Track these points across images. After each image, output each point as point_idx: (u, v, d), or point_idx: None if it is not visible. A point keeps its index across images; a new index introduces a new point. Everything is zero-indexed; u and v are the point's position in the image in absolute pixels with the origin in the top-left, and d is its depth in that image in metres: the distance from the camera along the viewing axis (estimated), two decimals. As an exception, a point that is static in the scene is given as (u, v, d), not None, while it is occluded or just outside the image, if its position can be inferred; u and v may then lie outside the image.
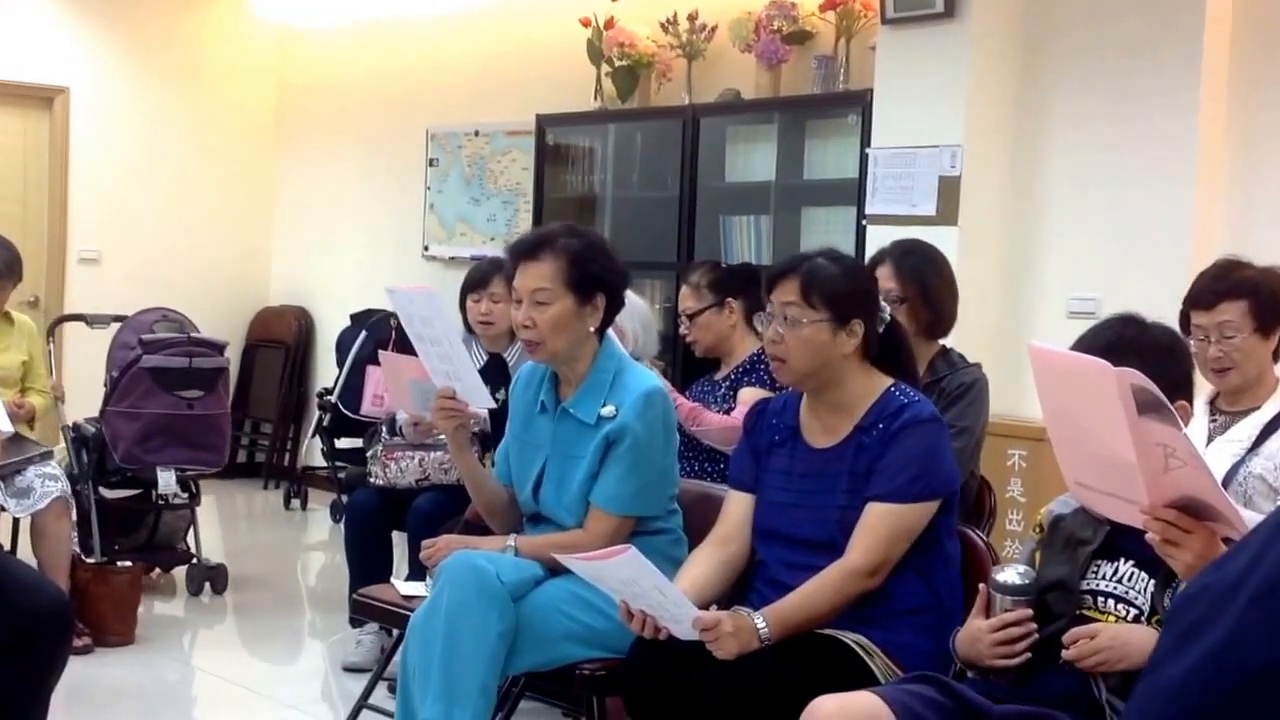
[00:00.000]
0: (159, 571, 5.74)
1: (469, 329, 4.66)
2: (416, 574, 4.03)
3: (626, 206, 6.46)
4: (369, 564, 4.57)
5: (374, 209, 7.96)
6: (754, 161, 5.92)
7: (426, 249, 7.62)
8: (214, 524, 7.30)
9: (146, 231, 8.05)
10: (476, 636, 2.89)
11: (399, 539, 4.70)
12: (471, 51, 7.37)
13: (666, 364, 5.32)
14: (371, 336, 6.94)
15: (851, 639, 2.66)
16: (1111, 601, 2.38)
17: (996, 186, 5.03)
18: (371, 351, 6.78)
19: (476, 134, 7.32)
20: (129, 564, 4.97)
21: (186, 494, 5.56)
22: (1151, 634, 2.28)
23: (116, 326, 5.84)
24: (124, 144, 7.99)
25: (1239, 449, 3.02)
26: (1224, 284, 3.08)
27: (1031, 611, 2.42)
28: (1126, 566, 2.39)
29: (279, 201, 8.58)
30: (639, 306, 4.47)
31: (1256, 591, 1.18)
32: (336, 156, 8.16)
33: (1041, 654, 2.37)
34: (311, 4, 8.16)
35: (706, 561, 2.90)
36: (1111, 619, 2.37)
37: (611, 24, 6.28)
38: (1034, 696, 2.35)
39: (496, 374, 4.42)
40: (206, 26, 8.24)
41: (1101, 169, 4.86)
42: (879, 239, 4.26)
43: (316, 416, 7.34)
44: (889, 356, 2.88)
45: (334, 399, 7.03)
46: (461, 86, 7.39)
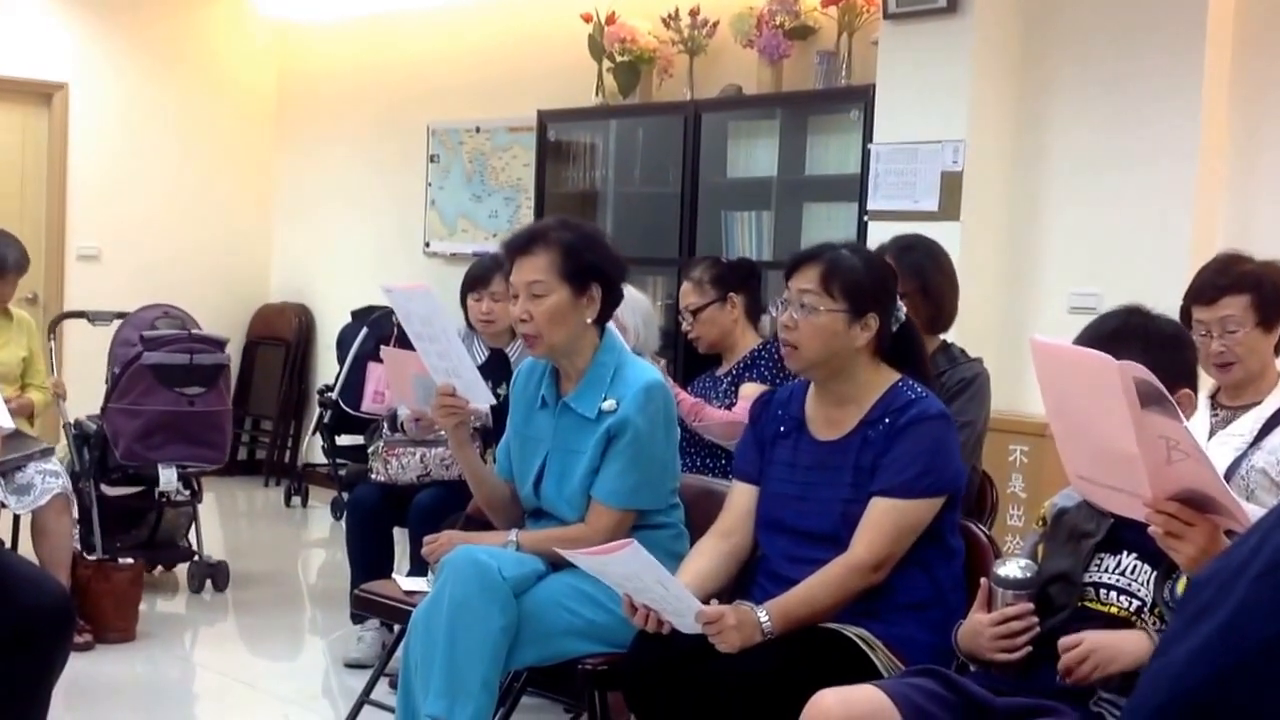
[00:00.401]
0: (160, 569, 5.73)
1: (470, 326, 4.66)
2: (418, 570, 4.03)
3: (628, 202, 6.46)
4: (370, 560, 4.56)
5: (375, 205, 7.95)
6: (755, 157, 5.91)
7: (428, 245, 7.61)
8: (215, 521, 7.29)
9: (146, 228, 8.03)
10: (479, 631, 2.89)
11: (400, 535, 4.70)
12: (472, 47, 7.36)
13: (668, 360, 5.31)
14: (373, 333, 6.93)
15: (854, 633, 2.66)
16: (1114, 594, 2.38)
17: (998, 182, 5.03)
18: (372, 348, 6.76)
19: (478, 130, 7.32)
20: (130, 561, 4.97)
21: (188, 491, 5.56)
22: (1138, 634, 2.28)
23: (117, 324, 5.83)
24: (123, 140, 7.97)
25: (1241, 443, 3.02)
26: (1226, 278, 3.08)
27: (1032, 605, 2.42)
28: (1130, 559, 2.39)
29: (279, 198, 8.57)
30: (640, 302, 4.47)
31: (1260, 570, 1.20)
32: (337, 153, 8.15)
33: (1044, 647, 2.37)
34: None
35: (709, 554, 2.90)
36: (1114, 610, 2.37)
37: (613, 19, 6.27)
38: (1036, 689, 2.35)
39: (499, 369, 4.41)
40: (207, 22, 8.23)
41: (1103, 164, 4.85)
42: (880, 235, 4.25)
43: (317, 413, 7.34)
44: (902, 354, 2.88)
45: (335, 396, 7.03)
46: (462, 82, 7.38)
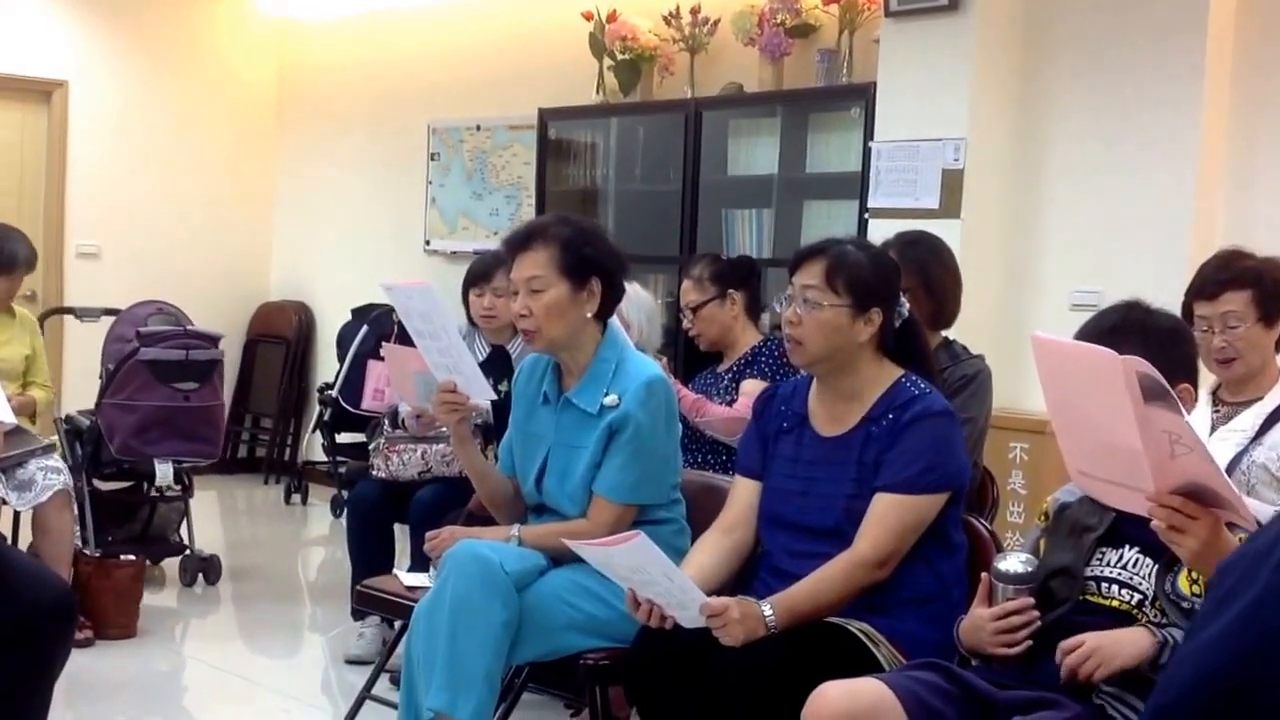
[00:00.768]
0: (149, 563, 5.73)
1: (471, 322, 4.67)
2: (419, 565, 4.03)
3: (628, 200, 6.45)
4: (371, 556, 4.56)
5: (375, 204, 7.95)
6: (756, 155, 5.91)
7: (428, 243, 7.61)
8: (214, 519, 7.30)
9: (146, 226, 8.03)
10: (481, 626, 2.89)
11: (401, 532, 4.70)
12: (473, 45, 7.37)
13: (668, 358, 5.31)
14: (373, 331, 6.93)
15: (857, 627, 2.66)
16: (1115, 587, 2.39)
17: (999, 179, 5.03)
18: (373, 346, 6.76)
19: (478, 128, 7.32)
20: (131, 558, 4.97)
21: (179, 485, 5.57)
22: (1138, 631, 2.28)
23: (108, 320, 5.84)
24: (123, 138, 7.97)
25: (1242, 439, 3.03)
26: (1227, 274, 3.09)
27: (1033, 600, 2.42)
28: (1131, 553, 2.40)
29: (279, 196, 8.56)
30: (643, 298, 4.47)
31: None
32: (337, 151, 8.15)
33: (1046, 640, 2.37)
34: (312, -2, 8.16)
35: (712, 549, 2.90)
36: (1115, 604, 2.38)
37: (614, 18, 6.28)
38: (1039, 682, 2.36)
39: (499, 366, 4.42)
40: (207, 19, 8.23)
41: (1104, 162, 4.86)
42: (881, 232, 4.25)
43: (317, 411, 7.35)
44: (905, 350, 2.88)
45: (335, 394, 7.03)
46: (463, 80, 7.38)
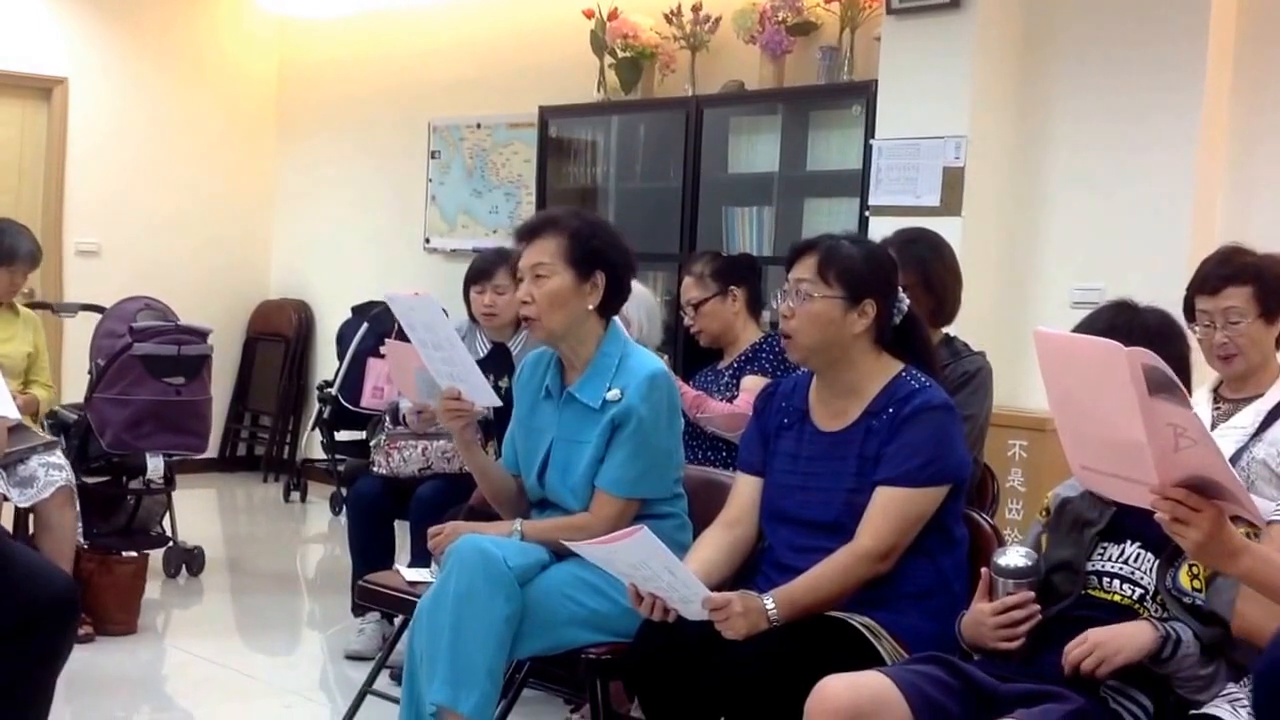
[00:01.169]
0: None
1: (472, 319, 4.67)
2: (419, 561, 4.03)
3: (629, 198, 6.46)
4: (372, 553, 4.56)
5: (375, 201, 7.95)
6: (757, 153, 5.91)
7: (428, 241, 7.61)
8: (214, 516, 7.31)
9: (146, 224, 8.02)
10: (483, 620, 2.90)
11: (401, 528, 4.70)
12: (474, 43, 7.37)
13: (669, 355, 5.31)
14: (372, 329, 6.93)
15: (859, 621, 2.66)
16: (1116, 582, 2.40)
17: (1000, 177, 5.04)
18: (372, 344, 6.77)
19: (478, 126, 7.32)
20: (133, 554, 4.98)
21: (162, 479, 5.58)
22: (1140, 625, 2.29)
23: (86, 315, 5.84)
24: (123, 136, 7.96)
25: (1242, 435, 3.03)
26: (1229, 269, 3.09)
27: (1034, 594, 2.43)
28: (1133, 548, 2.40)
29: (279, 194, 8.56)
30: (644, 295, 4.48)
31: None
32: (337, 149, 8.15)
33: (1047, 634, 2.38)
34: (312, -5, 8.16)
35: (714, 544, 2.91)
36: (1116, 598, 2.38)
37: (615, 15, 6.28)
38: (1041, 676, 2.36)
39: (500, 363, 4.43)
40: (207, 17, 8.23)
41: (1105, 160, 4.86)
42: (882, 230, 4.25)
43: (316, 409, 7.35)
44: (906, 345, 2.88)
45: (334, 391, 7.03)
46: (464, 78, 7.38)
